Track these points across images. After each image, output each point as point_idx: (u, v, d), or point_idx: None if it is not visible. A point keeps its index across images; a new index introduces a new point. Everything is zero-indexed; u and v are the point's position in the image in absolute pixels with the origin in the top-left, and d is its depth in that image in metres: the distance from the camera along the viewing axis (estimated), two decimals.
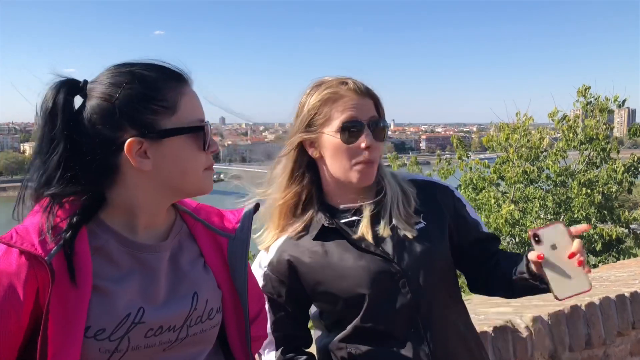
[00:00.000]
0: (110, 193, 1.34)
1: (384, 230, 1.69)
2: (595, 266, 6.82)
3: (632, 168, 10.01)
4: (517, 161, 9.74)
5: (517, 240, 9.57)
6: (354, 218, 1.74)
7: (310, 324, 1.88)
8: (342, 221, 1.74)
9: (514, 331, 2.55)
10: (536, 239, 1.49)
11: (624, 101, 10.37)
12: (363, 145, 1.66)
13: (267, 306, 1.73)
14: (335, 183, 1.75)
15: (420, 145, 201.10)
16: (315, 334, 1.89)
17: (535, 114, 10.18)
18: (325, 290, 1.71)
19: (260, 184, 1.86)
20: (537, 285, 1.59)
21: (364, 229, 1.69)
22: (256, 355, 1.72)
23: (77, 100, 1.30)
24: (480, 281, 1.83)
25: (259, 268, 1.79)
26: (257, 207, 1.59)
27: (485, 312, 2.84)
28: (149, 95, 1.29)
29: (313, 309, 1.84)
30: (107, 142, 1.28)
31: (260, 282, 1.75)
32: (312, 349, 1.83)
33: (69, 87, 1.30)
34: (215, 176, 1.52)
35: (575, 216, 9.45)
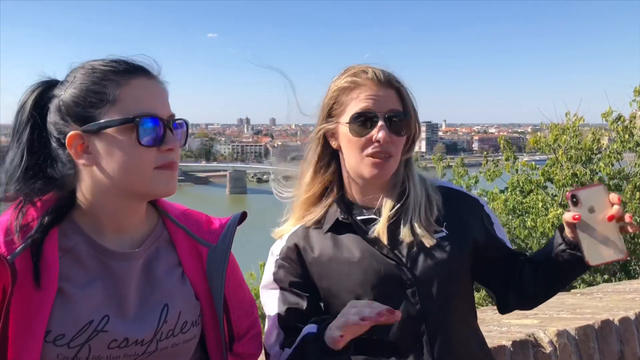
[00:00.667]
0: (77, 192, 1.32)
1: (402, 233, 1.61)
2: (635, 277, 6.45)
3: None
4: (566, 163, 9.33)
5: None
6: (372, 216, 1.67)
7: None
8: (359, 218, 1.67)
9: (536, 346, 2.39)
10: (574, 200, 1.41)
11: None
12: (374, 137, 1.58)
13: (277, 296, 1.67)
14: (353, 177, 1.69)
15: (473, 146, 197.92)
16: None
17: (587, 114, 9.72)
18: (328, 287, 1.64)
19: (292, 180, 1.82)
20: (573, 255, 1.47)
21: (380, 229, 1.62)
22: (266, 348, 1.66)
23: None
24: (510, 294, 1.69)
25: (271, 256, 1.74)
26: (244, 215, 1.52)
27: (508, 323, 2.68)
28: (89, 89, 1.26)
29: None
30: (59, 138, 1.28)
31: (272, 269, 1.70)
32: None
33: (44, 88, 1.32)
34: (265, 176, 1.45)
35: None
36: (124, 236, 1.35)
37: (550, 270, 1.56)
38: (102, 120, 1.24)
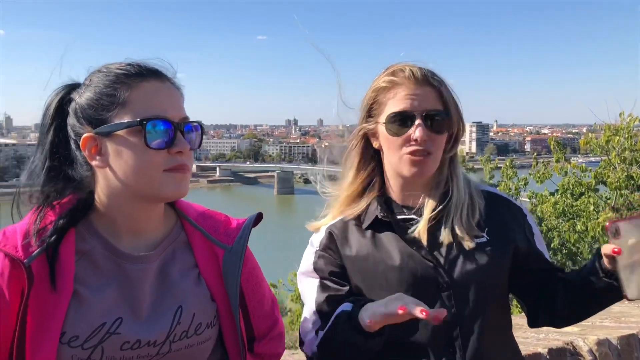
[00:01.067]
0: (94, 194, 1.35)
1: (442, 235, 1.59)
2: None
3: None
4: (620, 165, 8.97)
5: None
6: (412, 216, 1.66)
7: None
8: (399, 217, 1.66)
9: (575, 354, 2.32)
10: (614, 231, 1.34)
11: None
12: (412, 136, 1.58)
13: (316, 284, 1.67)
14: (394, 176, 1.69)
15: (525, 147, 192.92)
16: None
17: None
18: (361, 283, 1.63)
19: (335, 180, 1.83)
20: (610, 284, 1.41)
21: (420, 230, 1.60)
22: (302, 337, 1.66)
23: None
24: (541, 311, 1.66)
25: (311, 246, 1.75)
26: (259, 216, 1.52)
27: (547, 330, 2.60)
28: (102, 92, 1.28)
29: None
30: (76, 140, 1.31)
31: (313, 259, 1.71)
32: None
33: (67, 91, 1.35)
34: (313, 177, 1.47)
35: None
36: (140, 238, 1.37)
37: (585, 295, 1.51)
38: (112, 123, 1.26)
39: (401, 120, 1.59)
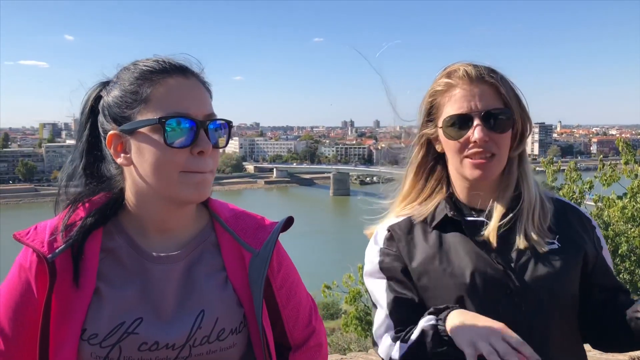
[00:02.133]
0: (125, 193, 1.35)
1: (513, 239, 1.54)
2: None
3: None
4: None
5: None
6: (481, 218, 1.60)
7: None
8: (467, 219, 1.62)
9: None
10: None
11: None
12: (472, 138, 1.52)
13: (384, 285, 1.63)
14: (459, 179, 1.65)
15: (591, 148, 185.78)
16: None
17: None
18: (427, 284, 1.58)
19: (395, 183, 1.82)
20: None
21: (490, 232, 1.55)
22: (375, 339, 1.63)
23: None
24: (591, 330, 1.58)
25: (375, 245, 1.71)
26: (290, 220, 1.45)
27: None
28: (126, 89, 1.27)
29: None
30: (105, 137, 1.31)
31: (378, 259, 1.67)
32: None
33: (102, 88, 1.35)
34: (368, 178, 1.41)
35: None
36: (168, 238, 1.35)
37: (631, 332, 1.45)
38: (135, 120, 1.24)
39: (459, 123, 1.54)
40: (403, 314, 1.58)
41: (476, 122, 1.52)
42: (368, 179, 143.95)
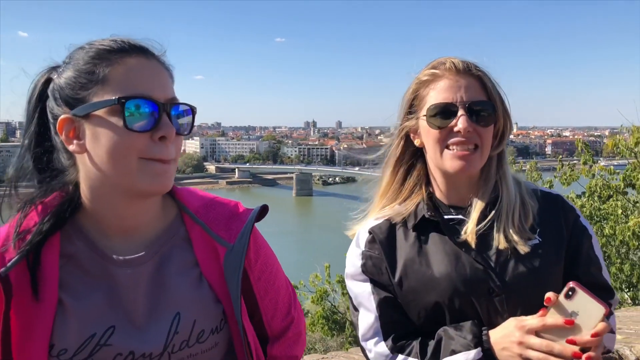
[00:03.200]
0: (80, 189, 1.21)
1: (493, 238, 1.53)
2: None
3: None
4: None
5: None
6: (459, 217, 1.59)
7: None
8: (446, 217, 1.60)
9: None
10: (570, 293, 1.29)
11: None
12: (455, 128, 1.51)
13: (368, 288, 1.61)
14: (439, 174, 1.63)
15: (546, 150, 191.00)
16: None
17: None
18: (409, 287, 1.56)
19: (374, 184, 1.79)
20: None
21: (469, 231, 1.54)
22: (362, 343, 1.59)
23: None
24: None
25: (356, 247, 1.68)
26: (264, 209, 1.36)
27: None
28: (81, 69, 1.15)
29: None
30: (54, 123, 1.18)
31: (360, 261, 1.64)
32: None
33: (50, 72, 1.23)
34: (331, 178, 1.34)
35: None
36: (132, 237, 1.23)
37: None
38: (90, 102, 1.12)
39: (443, 112, 1.53)
40: (391, 316, 1.57)
41: (460, 112, 1.51)
42: (330, 179, 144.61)
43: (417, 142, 1.65)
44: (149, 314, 1.19)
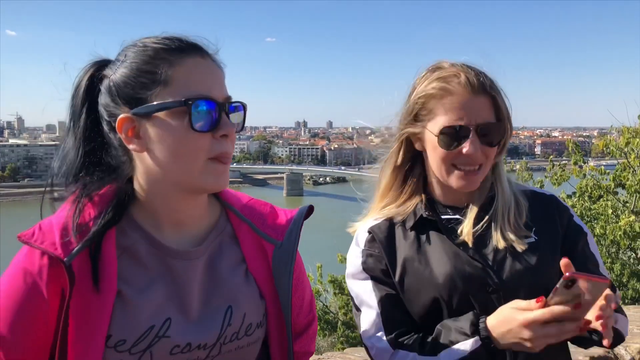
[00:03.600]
0: (134, 183, 1.24)
1: (490, 237, 1.55)
2: None
3: None
4: (639, 168, 8.83)
5: (638, 255, 8.68)
6: (456, 216, 1.61)
7: None
8: (444, 217, 1.62)
9: None
10: (570, 283, 1.23)
11: None
12: (464, 151, 1.51)
13: (369, 285, 1.61)
14: (438, 180, 1.64)
15: (535, 150, 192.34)
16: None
17: None
18: (409, 285, 1.57)
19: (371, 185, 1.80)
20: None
21: (466, 230, 1.56)
22: (365, 341, 1.59)
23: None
24: None
25: (356, 246, 1.69)
26: (311, 209, 1.42)
27: None
28: (140, 68, 1.17)
29: None
30: (109, 121, 1.20)
31: (360, 260, 1.64)
32: None
33: (97, 68, 1.24)
34: (322, 178, 1.36)
35: None
36: (184, 231, 1.27)
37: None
38: (153, 103, 1.15)
39: (453, 135, 1.52)
40: (393, 313, 1.58)
41: (472, 135, 1.51)
42: (321, 179, 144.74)
43: (417, 146, 1.65)
44: (203, 306, 1.22)
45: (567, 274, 1.22)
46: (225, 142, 1.19)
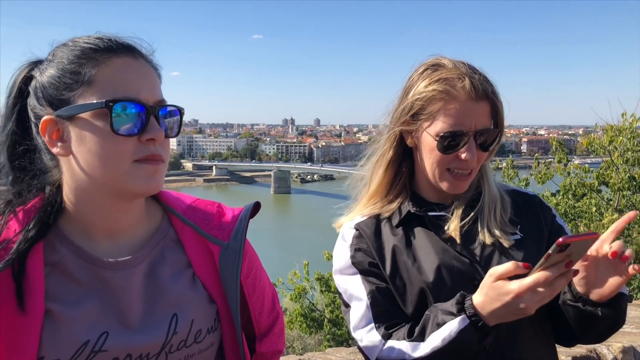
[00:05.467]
0: (62, 192, 1.17)
1: (477, 233, 1.56)
2: None
3: None
4: (622, 166, 8.91)
5: None
6: (443, 213, 1.61)
7: None
8: (431, 214, 1.62)
9: None
10: (563, 248, 1.22)
11: None
12: (463, 156, 1.51)
13: (358, 279, 1.59)
14: (427, 178, 1.63)
15: (521, 148, 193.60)
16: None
17: None
18: (397, 280, 1.57)
19: (361, 181, 1.78)
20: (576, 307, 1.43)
21: (453, 226, 1.56)
22: (354, 334, 1.56)
23: None
24: (559, 327, 1.59)
25: (343, 242, 1.67)
26: (257, 206, 1.36)
27: None
28: (65, 68, 1.11)
29: None
30: (37, 123, 1.14)
31: (348, 254, 1.63)
32: None
33: (31, 67, 1.18)
34: (309, 176, 1.32)
35: None
36: (119, 240, 1.21)
37: (571, 319, 1.50)
38: (75, 104, 1.09)
39: (452, 141, 1.52)
40: (383, 305, 1.56)
41: (470, 141, 1.51)
42: (309, 177, 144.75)
43: (410, 143, 1.64)
44: (145, 315, 1.17)
45: (560, 239, 1.22)
46: (153, 145, 1.13)
